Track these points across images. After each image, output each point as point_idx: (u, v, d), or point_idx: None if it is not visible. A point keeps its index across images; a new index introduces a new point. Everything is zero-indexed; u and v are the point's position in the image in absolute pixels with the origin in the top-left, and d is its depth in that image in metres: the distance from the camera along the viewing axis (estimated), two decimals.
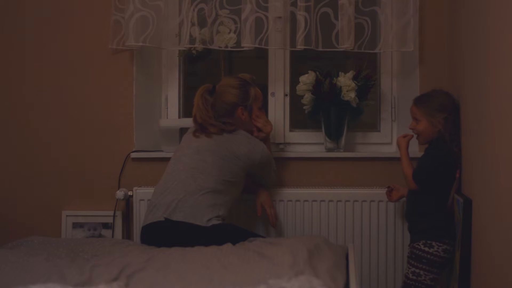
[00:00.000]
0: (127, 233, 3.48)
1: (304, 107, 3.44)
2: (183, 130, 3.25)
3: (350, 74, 3.34)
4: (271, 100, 3.55)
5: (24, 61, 3.51)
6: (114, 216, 3.44)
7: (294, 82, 3.51)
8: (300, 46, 3.25)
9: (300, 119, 3.60)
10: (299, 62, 3.62)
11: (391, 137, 3.54)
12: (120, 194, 3.37)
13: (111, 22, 3.38)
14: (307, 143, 3.57)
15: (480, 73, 2.52)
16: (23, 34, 3.51)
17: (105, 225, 3.45)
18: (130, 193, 3.40)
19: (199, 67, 3.77)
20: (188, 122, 3.30)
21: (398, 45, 3.29)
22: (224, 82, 3.13)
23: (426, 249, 2.84)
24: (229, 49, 3.35)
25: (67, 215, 3.47)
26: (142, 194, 3.32)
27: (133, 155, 3.47)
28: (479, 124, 2.51)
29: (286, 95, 3.56)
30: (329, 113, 3.39)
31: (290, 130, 3.58)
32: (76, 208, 3.49)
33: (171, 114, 3.62)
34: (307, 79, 3.36)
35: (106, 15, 3.41)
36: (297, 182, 3.43)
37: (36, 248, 2.77)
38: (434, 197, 2.89)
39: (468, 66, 2.77)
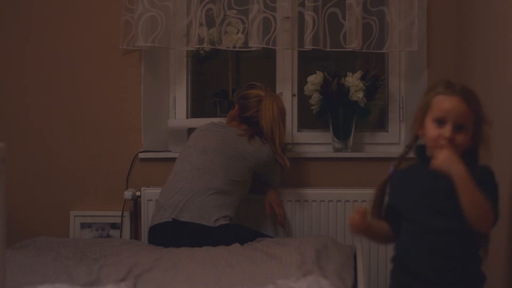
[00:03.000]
0: (135, 233, 3.48)
1: (312, 107, 3.43)
2: (191, 131, 3.25)
3: (358, 74, 3.33)
4: None
5: (33, 61, 3.51)
6: (122, 216, 3.44)
7: (302, 82, 3.50)
8: (308, 46, 3.25)
9: (308, 119, 3.60)
10: (307, 62, 3.61)
11: (399, 137, 3.52)
12: (128, 194, 3.37)
13: (122, 23, 3.38)
14: (315, 143, 3.56)
15: (488, 74, 2.51)
16: (31, 34, 3.51)
17: (113, 225, 3.45)
18: (138, 193, 3.40)
19: (206, 67, 3.77)
20: (196, 122, 3.30)
21: (403, 45, 3.28)
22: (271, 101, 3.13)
23: None
24: (237, 49, 3.35)
25: (75, 215, 3.48)
26: (150, 194, 3.32)
27: (141, 155, 3.47)
28: None
29: (294, 95, 3.56)
30: (337, 113, 3.38)
31: (298, 130, 3.58)
32: (84, 209, 3.49)
33: (179, 115, 3.62)
34: (315, 79, 3.36)
35: (116, 16, 3.41)
36: (305, 182, 3.42)
37: (44, 248, 2.78)
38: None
39: (476, 67, 2.76)
